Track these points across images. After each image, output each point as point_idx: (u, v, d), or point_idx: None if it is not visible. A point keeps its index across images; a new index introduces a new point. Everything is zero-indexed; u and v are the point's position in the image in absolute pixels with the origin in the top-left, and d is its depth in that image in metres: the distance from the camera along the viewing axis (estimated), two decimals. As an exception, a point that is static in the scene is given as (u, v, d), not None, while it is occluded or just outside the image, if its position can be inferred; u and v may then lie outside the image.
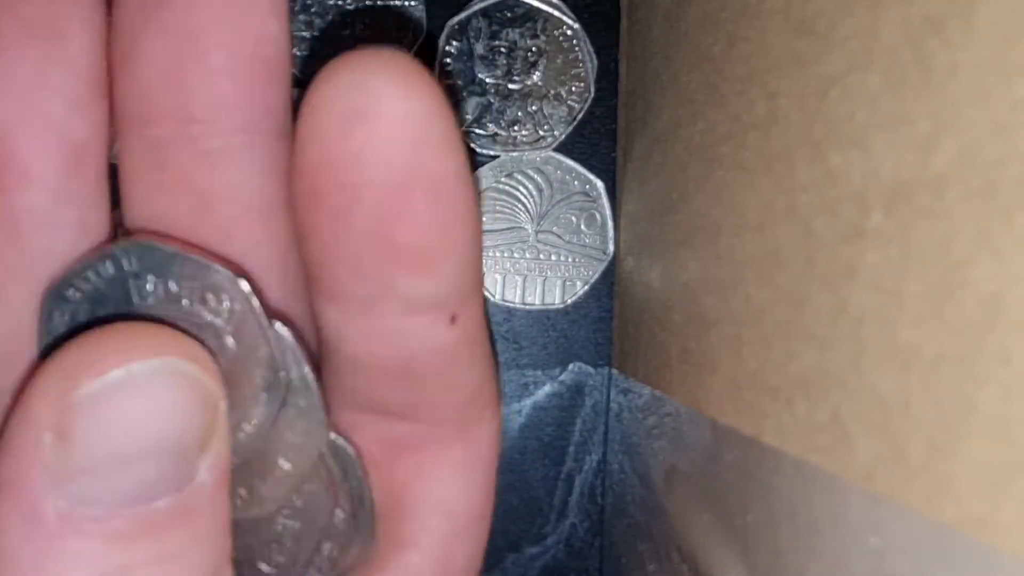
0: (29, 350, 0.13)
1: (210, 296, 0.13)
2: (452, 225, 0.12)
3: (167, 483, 0.12)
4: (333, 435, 0.15)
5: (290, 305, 0.14)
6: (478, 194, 0.13)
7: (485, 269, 0.25)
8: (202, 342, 0.13)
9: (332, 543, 0.16)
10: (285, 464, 0.14)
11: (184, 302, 0.13)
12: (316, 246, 0.12)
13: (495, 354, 0.25)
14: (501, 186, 0.25)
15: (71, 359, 0.11)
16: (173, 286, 0.13)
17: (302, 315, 0.15)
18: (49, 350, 0.12)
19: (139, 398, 0.11)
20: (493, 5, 0.24)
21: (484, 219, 0.25)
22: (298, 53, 0.24)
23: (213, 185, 0.13)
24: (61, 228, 0.13)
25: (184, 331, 0.13)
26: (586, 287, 0.25)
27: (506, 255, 0.25)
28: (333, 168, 0.11)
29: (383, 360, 0.13)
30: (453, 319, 0.13)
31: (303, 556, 0.16)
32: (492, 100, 0.25)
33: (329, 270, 0.12)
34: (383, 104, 0.11)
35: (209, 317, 0.13)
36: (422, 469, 0.15)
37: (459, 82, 0.25)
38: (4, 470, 0.11)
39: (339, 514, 0.15)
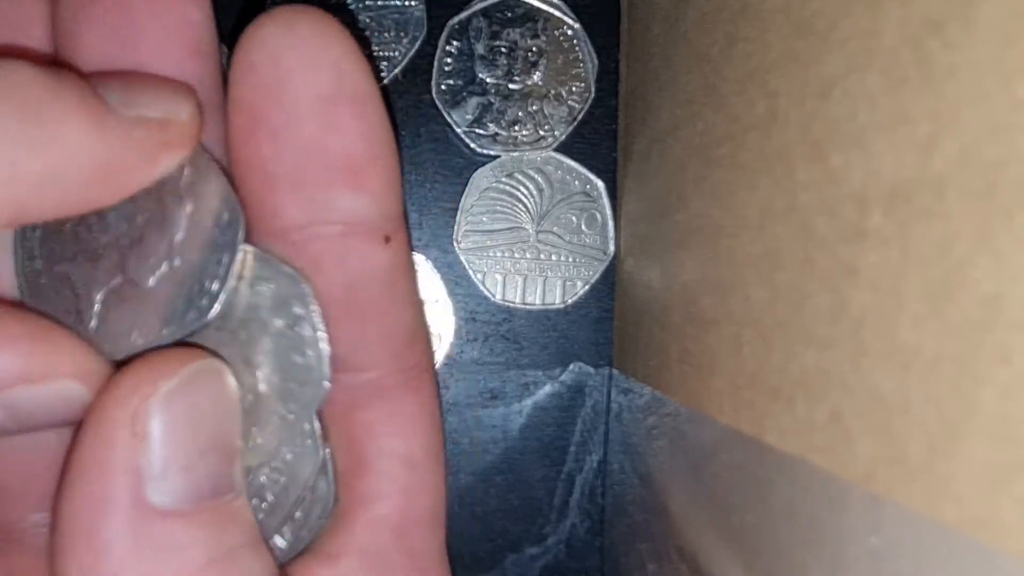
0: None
1: None
2: (377, 138, 0.14)
3: (226, 482, 0.14)
4: None
5: None
6: (393, 123, 0.15)
7: (485, 269, 0.25)
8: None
9: (299, 506, 0.16)
10: (285, 413, 0.15)
11: None
12: (258, 173, 0.14)
13: (495, 354, 0.25)
14: (501, 186, 0.25)
15: (135, 372, 0.13)
16: None
17: None
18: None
19: (191, 396, 0.13)
20: (493, 5, 0.24)
21: (484, 219, 0.25)
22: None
23: None
24: None
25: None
26: (586, 287, 0.25)
27: (506, 255, 0.25)
28: (269, 91, 0.13)
29: (327, 287, 0.15)
30: (387, 239, 0.15)
31: (280, 515, 0.16)
32: (492, 100, 0.25)
33: (271, 198, 0.14)
34: (307, 38, 0.13)
35: (169, 186, 0.14)
36: (376, 422, 0.16)
37: (459, 82, 0.25)
38: (89, 469, 0.13)
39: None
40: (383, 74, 0.24)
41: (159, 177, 0.14)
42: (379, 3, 0.24)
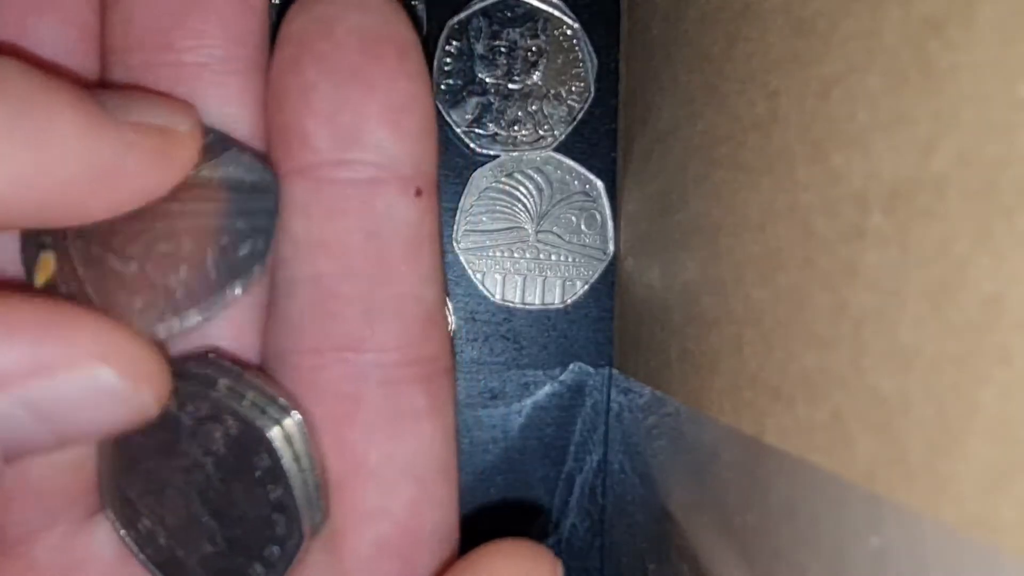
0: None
1: None
2: (417, 81, 0.14)
3: None
4: (282, 401, 0.14)
5: None
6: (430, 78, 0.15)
7: (485, 269, 0.25)
8: None
9: (276, 523, 0.14)
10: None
11: None
12: (298, 99, 0.14)
13: (495, 354, 0.25)
14: (501, 186, 0.25)
15: None
16: None
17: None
18: None
19: None
20: (493, 5, 0.24)
21: (484, 219, 0.25)
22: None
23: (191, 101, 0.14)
24: None
25: None
26: (586, 287, 0.25)
27: (506, 255, 0.25)
28: (319, 23, 0.14)
29: (348, 233, 0.14)
30: (418, 192, 0.14)
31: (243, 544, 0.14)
32: (492, 100, 0.25)
33: (306, 123, 0.14)
34: None
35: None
36: (380, 420, 0.14)
37: (459, 82, 0.25)
38: None
39: (277, 490, 0.14)
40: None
41: (163, 189, 0.13)
42: (379, 3, 0.24)
